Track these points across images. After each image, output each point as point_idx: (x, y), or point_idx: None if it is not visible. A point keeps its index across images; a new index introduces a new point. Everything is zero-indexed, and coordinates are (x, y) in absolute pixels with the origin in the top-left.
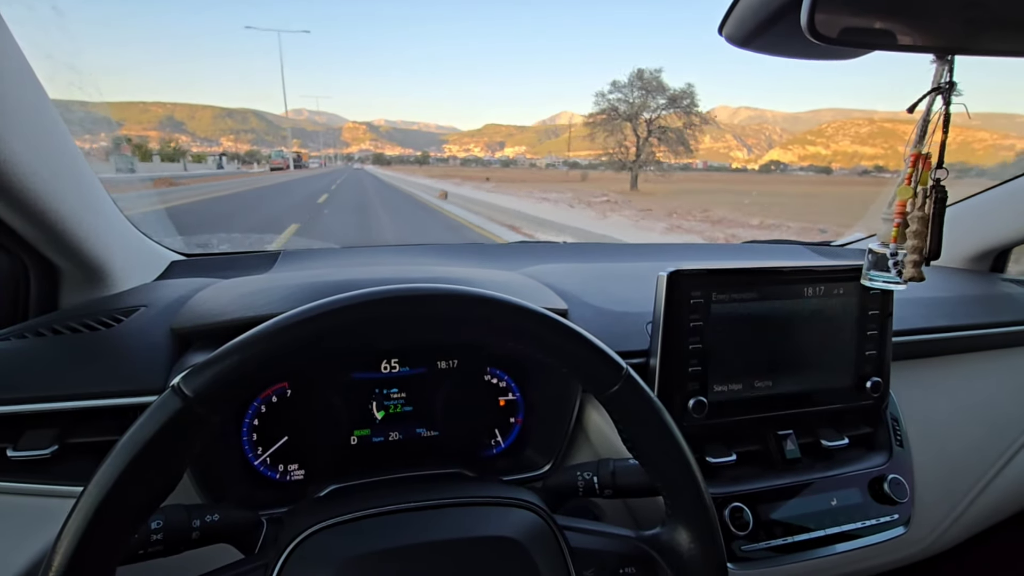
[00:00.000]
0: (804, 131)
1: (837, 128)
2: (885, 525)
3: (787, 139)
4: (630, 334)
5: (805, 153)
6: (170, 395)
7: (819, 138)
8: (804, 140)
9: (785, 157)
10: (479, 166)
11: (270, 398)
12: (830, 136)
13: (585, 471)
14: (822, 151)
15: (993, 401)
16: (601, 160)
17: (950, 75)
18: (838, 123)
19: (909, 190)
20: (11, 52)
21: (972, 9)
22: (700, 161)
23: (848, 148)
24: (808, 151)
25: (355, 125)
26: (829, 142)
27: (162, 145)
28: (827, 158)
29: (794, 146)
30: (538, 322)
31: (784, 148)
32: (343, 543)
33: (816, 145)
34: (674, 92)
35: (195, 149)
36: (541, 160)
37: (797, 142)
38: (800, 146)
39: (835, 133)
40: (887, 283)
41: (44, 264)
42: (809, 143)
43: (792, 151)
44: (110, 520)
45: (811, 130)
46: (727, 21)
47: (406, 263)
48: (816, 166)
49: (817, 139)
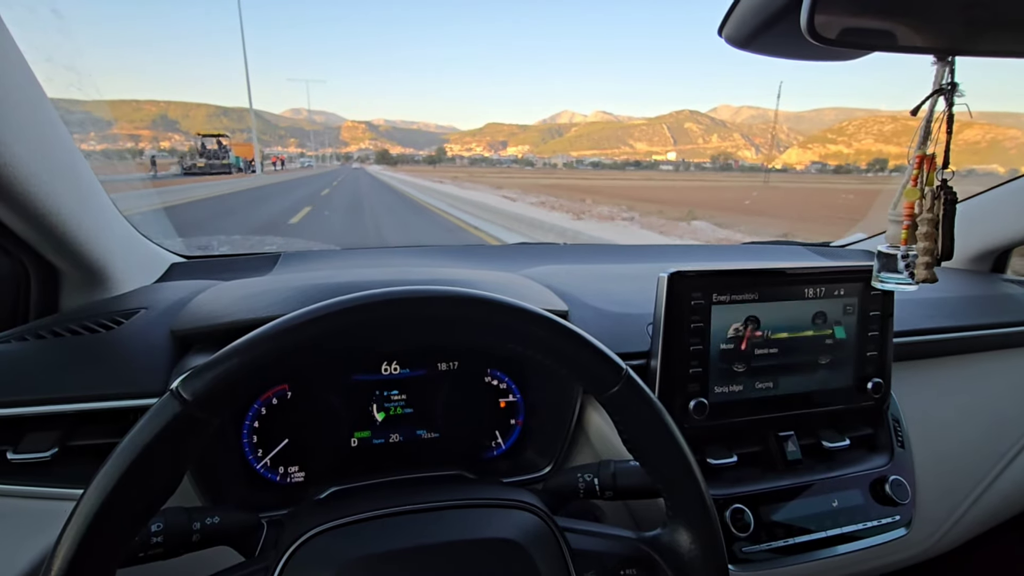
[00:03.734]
0: (822, 130)
1: (859, 126)
2: (886, 526)
3: (804, 138)
4: (631, 335)
5: (826, 152)
6: (169, 399)
7: (840, 136)
8: (824, 139)
9: (805, 157)
10: (487, 166)
11: (270, 400)
12: (851, 134)
13: (586, 473)
14: (844, 150)
15: (994, 402)
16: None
17: (951, 76)
18: (859, 121)
19: (916, 191)
20: (11, 54)
21: (972, 10)
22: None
23: (872, 147)
24: (829, 150)
25: (354, 124)
26: (851, 140)
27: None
28: (849, 157)
29: (814, 145)
30: (537, 323)
31: (803, 147)
32: (343, 545)
33: (837, 144)
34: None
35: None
36: (556, 159)
37: (816, 140)
38: (820, 144)
39: (856, 131)
40: (899, 285)
41: (44, 266)
42: (830, 141)
43: (812, 150)
44: (110, 523)
45: (831, 128)
46: (727, 22)
47: (407, 264)
48: (839, 165)
49: (838, 137)
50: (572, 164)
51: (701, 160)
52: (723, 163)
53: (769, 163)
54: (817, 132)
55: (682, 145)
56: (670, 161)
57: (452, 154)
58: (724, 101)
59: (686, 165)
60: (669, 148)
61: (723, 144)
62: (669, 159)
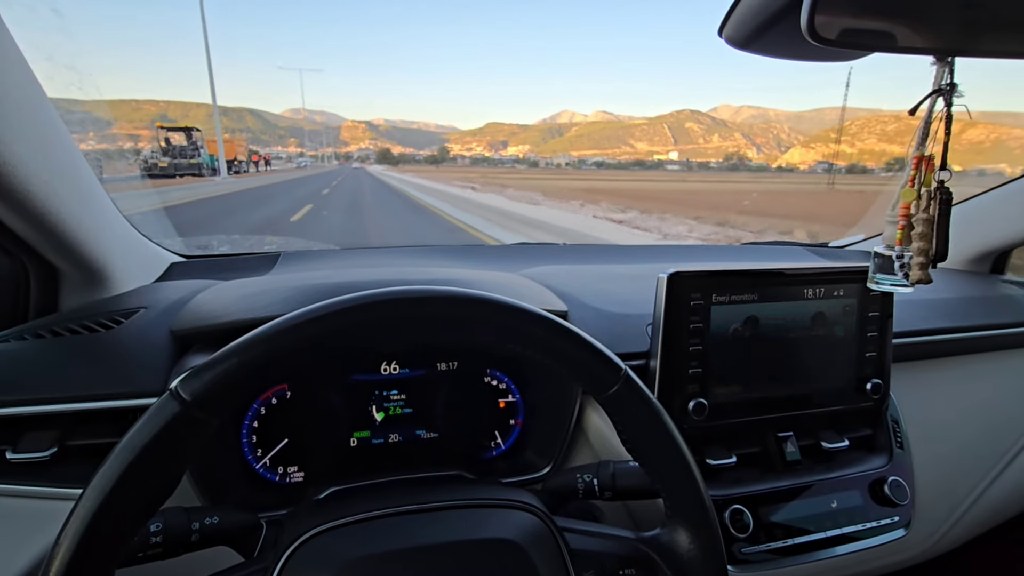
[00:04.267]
0: (824, 129)
1: (862, 126)
2: (886, 527)
3: (807, 137)
4: (630, 336)
5: (829, 152)
6: (167, 399)
7: (843, 136)
8: (826, 138)
9: (808, 156)
10: (488, 165)
11: (270, 400)
12: (855, 134)
13: (585, 473)
14: (847, 149)
15: (993, 403)
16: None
17: (951, 77)
18: (862, 120)
19: (913, 192)
20: (11, 54)
21: (971, 11)
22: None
23: (875, 147)
24: (832, 149)
25: (354, 124)
26: (854, 140)
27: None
28: (853, 156)
29: (817, 144)
30: (536, 323)
31: (806, 147)
32: (343, 546)
33: (841, 144)
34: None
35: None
36: (558, 158)
37: (819, 140)
38: (823, 144)
39: (859, 131)
40: (894, 286)
41: (44, 266)
42: (833, 141)
43: (815, 149)
44: (108, 523)
45: (833, 128)
46: (727, 23)
47: (406, 264)
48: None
49: (842, 137)
50: (576, 164)
51: (708, 159)
52: (734, 163)
53: (773, 163)
54: (819, 132)
55: (683, 145)
56: (673, 161)
57: (453, 154)
58: (724, 101)
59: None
60: (670, 148)
61: (724, 144)
62: (672, 158)
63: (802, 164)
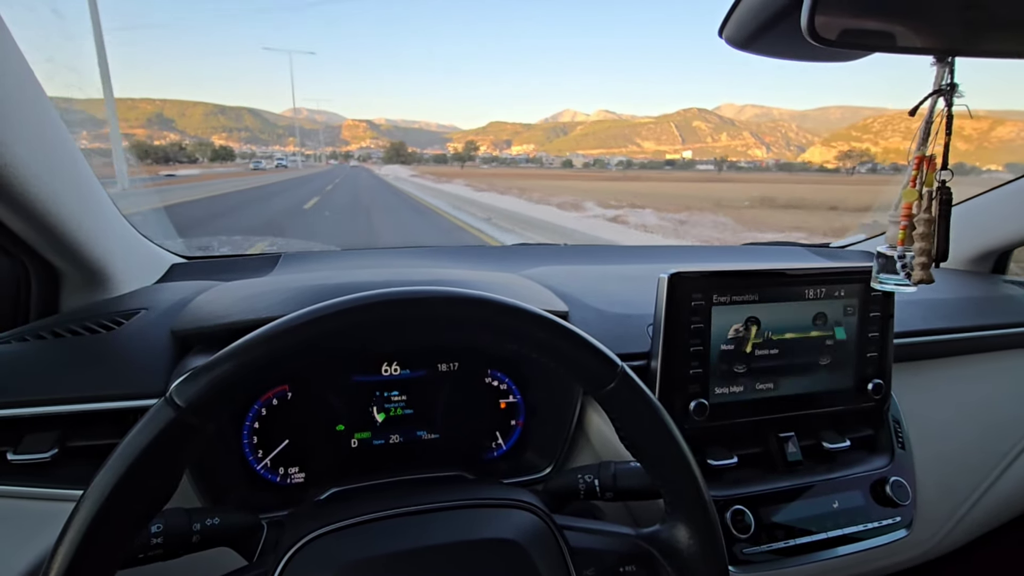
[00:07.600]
0: (846, 127)
1: (885, 123)
2: (887, 528)
3: (827, 135)
4: (631, 336)
5: (850, 150)
6: (163, 406)
7: (865, 134)
8: (848, 136)
9: (829, 155)
10: (498, 165)
11: (270, 401)
12: (878, 131)
13: (586, 474)
14: (871, 148)
15: (995, 403)
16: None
17: (951, 77)
18: (885, 118)
19: (914, 192)
20: (12, 54)
21: (971, 11)
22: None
23: (900, 145)
24: (854, 148)
25: (355, 123)
26: (877, 138)
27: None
28: (877, 155)
29: (837, 142)
30: (533, 321)
31: (826, 145)
32: (344, 547)
33: (863, 142)
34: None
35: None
36: (575, 158)
37: (840, 138)
38: (844, 142)
39: (883, 128)
40: (898, 286)
41: (45, 267)
42: (855, 139)
43: (835, 147)
44: (108, 526)
45: (854, 125)
46: (727, 23)
47: (406, 265)
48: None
49: (863, 135)
50: (602, 164)
51: (737, 159)
52: (779, 163)
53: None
54: (841, 130)
55: (691, 144)
56: (685, 159)
57: (454, 152)
58: (727, 99)
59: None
60: (679, 147)
61: (733, 143)
62: (686, 157)
63: (826, 163)
